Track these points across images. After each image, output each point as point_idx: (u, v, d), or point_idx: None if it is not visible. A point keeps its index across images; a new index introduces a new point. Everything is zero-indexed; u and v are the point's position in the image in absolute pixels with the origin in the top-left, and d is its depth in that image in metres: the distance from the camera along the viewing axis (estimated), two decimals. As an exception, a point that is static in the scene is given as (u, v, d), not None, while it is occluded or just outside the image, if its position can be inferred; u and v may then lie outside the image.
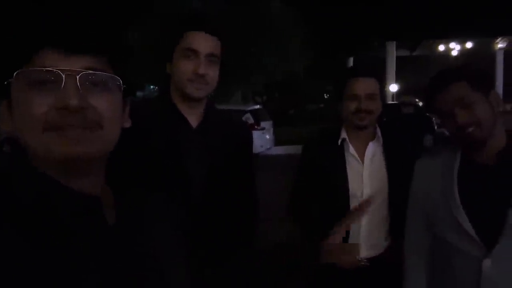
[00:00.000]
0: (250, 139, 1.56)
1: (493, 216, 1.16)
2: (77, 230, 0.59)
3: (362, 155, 1.63)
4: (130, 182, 0.74)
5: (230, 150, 1.40)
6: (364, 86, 1.58)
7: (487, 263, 1.16)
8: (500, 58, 21.13)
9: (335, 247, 1.41)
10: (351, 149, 1.63)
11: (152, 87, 17.51)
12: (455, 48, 19.84)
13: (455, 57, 19.64)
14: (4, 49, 0.60)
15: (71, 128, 0.57)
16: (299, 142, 2.28)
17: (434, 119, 11.53)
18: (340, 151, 1.65)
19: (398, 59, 20.71)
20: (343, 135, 1.65)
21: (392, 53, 20.24)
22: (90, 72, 0.59)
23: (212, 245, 1.31)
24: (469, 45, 19.60)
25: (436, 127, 11.18)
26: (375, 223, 1.62)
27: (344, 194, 1.60)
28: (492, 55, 20.88)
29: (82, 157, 0.58)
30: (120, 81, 0.63)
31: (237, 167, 1.42)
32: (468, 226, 1.19)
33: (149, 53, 9.38)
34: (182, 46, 1.30)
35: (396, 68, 20.23)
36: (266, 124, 10.66)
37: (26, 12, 0.60)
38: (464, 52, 19.62)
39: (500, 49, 20.94)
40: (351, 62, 19.90)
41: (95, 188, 0.64)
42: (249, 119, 9.59)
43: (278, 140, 11.59)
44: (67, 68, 0.57)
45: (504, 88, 19.44)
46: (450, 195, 1.24)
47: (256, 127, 9.60)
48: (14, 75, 0.57)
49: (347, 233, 1.58)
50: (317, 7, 14.78)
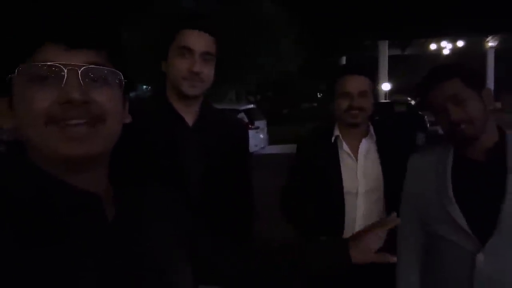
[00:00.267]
0: (246, 137, 1.56)
1: (486, 211, 1.18)
2: (75, 227, 0.59)
3: (355, 152, 1.64)
4: (128, 179, 0.74)
5: (226, 148, 1.40)
6: (356, 83, 1.58)
7: (480, 257, 1.18)
8: (491, 57, 21.29)
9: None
10: (345, 146, 1.64)
11: (144, 87, 17.44)
12: (446, 47, 19.98)
13: (447, 55, 19.78)
14: (6, 45, 0.60)
15: (74, 125, 0.57)
16: (293, 141, 2.27)
17: (426, 117, 11.62)
18: (334, 148, 1.66)
19: (390, 58, 20.79)
20: (336, 132, 1.66)
21: (384, 52, 20.29)
22: (91, 66, 0.59)
23: None
24: (460, 43, 19.75)
25: (428, 125, 11.25)
26: (370, 220, 1.62)
27: (339, 191, 1.61)
28: (483, 53, 21.06)
29: (85, 156, 0.59)
30: (121, 75, 0.63)
31: (233, 166, 1.43)
32: (462, 221, 1.20)
33: (141, 53, 9.31)
34: (177, 45, 1.30)
35: (388, 67, 20.30)
36: (260, 123, 10.66)
37: (28, 9, 0.60)
38: (455, 51, 19.77)
39: (491, 47, 21.11)
40: (344, 61, 19.96)
41: (96, 183, 0.64)
42: (243, 118, 9.59)
43: (272, 140, 11.59)
44: (68, 63, 0.57)
45: (495, 86, 19.61)
46: (444, 191, 1.25)
47: (250, 126, 9.57)
48: (16, 71, 0.57)
49: (341, 229, 1.59)
50: (310, 7, 14.82)
